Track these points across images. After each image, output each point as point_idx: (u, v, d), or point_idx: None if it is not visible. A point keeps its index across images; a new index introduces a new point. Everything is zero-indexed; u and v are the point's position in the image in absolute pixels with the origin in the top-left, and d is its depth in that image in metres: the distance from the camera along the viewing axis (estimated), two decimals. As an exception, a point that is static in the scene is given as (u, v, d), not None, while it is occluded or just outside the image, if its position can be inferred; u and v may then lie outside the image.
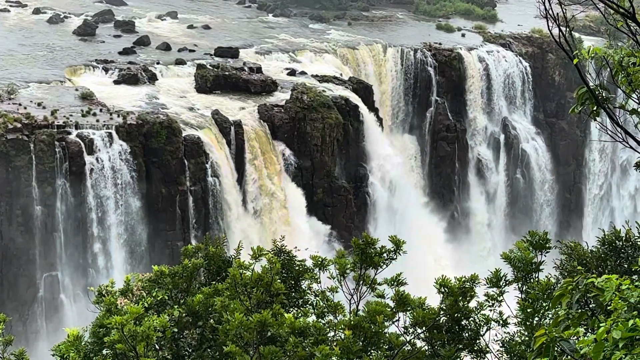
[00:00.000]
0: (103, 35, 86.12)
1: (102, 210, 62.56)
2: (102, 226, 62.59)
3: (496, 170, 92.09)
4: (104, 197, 62.54)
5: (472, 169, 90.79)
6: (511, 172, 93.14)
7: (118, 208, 63.20)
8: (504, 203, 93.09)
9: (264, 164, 70.59)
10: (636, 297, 10.76)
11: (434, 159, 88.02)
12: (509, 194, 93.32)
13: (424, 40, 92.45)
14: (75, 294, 61.72)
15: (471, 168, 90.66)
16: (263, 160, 70.52)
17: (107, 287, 19.00)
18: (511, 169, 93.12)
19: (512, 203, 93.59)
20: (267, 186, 70.67)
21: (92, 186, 61.94)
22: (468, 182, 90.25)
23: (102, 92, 69.52)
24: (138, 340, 15.76)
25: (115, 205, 63.01)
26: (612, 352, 10.09)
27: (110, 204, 62.77)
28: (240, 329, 16.31)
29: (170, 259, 60.67)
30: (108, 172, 62.33)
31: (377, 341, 17.41)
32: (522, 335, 17.59)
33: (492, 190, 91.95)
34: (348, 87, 79.00)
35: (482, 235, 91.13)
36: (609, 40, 16.37)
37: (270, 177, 70.86)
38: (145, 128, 64.44)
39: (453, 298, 17.85)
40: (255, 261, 18.15)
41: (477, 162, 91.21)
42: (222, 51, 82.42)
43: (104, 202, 62.61)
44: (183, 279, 19.09)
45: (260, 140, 70.55)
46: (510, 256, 18.21)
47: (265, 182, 70.57)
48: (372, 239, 18.69)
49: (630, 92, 14.08)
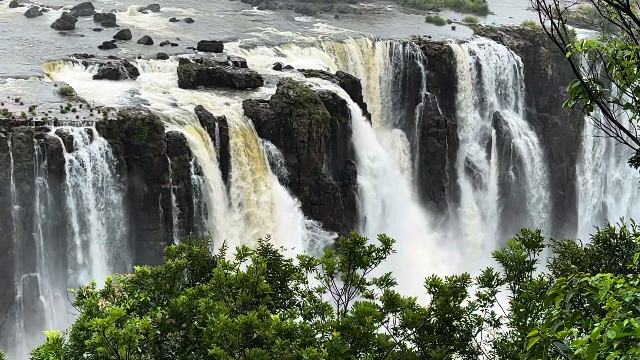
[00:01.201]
0: (82, 28, 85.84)
1: (82, 209, 62.41)
2: (82, 226, 62.43)
3: (487, 166, 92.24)
4: (84, 195, 62.38)
5: (463, 166, 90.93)
6: (503, 168, 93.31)
7: (99, 207, 63.05)
8: (496, 200, 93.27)
9: (249, 161, 70.54)
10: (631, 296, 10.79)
11: (423, 155, 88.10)
12: (500, 190, 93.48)
13: (413, 33, 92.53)
14: (55, 295, 61.56)
15: (462, 164, 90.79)
16: (248, 158, 70.46)
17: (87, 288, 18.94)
18: (503, 165, 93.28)
19: (504, 200, 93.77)
20: (252, 184, 70.60)
21: (72, 185, 61.78)
22: (458, 178, 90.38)
23: (82, 88, 69.35)
24: (120, 343, 15.72)
25: (96, 204, 62.86)
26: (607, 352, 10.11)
27: (90, 203, 62.62)
28: (225, 331, 16.29)
29: (153, 259, 60.50)
30: (88, 170, 62.18)
31: (366, 343, 17.42)
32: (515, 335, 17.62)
33: (484, 187, 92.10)
34: (335, 82, 78.98)
35: (474, 234, 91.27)
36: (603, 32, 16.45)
37: (256, 174, 70.80)
38: (126, 124, 64.31)
39: (444, 298, 17.86)
40: (240, 261, 18.12)
41: (467, 158, 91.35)
42: (205, 45, 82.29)
43: (84, 201, 62.45)
44: (166, 280, 19.06)
45: (246, 136, 70.50)
46: (502, 255, 18.23)
47: (250, 180, 70.50)
48: (360, 238, 18.68)
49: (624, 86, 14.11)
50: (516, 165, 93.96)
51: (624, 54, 13.89)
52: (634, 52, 13.78)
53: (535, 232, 18.39)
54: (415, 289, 19.87)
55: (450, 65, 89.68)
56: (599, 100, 13.91)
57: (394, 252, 18.62)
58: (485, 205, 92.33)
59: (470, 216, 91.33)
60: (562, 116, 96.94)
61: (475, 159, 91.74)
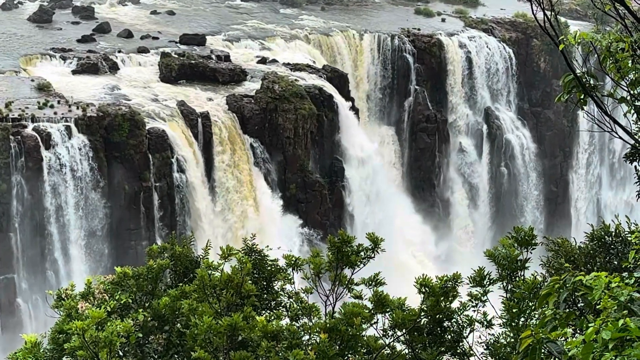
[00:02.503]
0: (60, 22, 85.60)
1: (61, 208, 62.23)
2: (61, 225, 62.26)
3: (479, 162, 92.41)
4: (63, 194, 62.21)
5: (454, 162, 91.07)
6: (495, 164, 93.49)
7: (78, 206, 62.88)
8: (487, 197, 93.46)
9: (233, 158, 70.46)
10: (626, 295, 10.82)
11: (413, 151, 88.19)
12: (492, 187, 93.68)
13: (402, 25, 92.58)
14: (33, 297, 61.37)
15: (452, 160, 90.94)
16: (232, 154, 70.39)
17: (67, 290, 18.92)
18: (495, 161, 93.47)
19: (496, 197, 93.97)
20: (236, 182, 70.55)
21: (50, 183, 61.61)
22: (449, 175, 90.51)
23: (60, 83, 69.16)
24: (100, 346, 15.68)
25: (75, 203, 62.69)
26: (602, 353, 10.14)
27: (69, 202, 62.45)
28: (209, 333, 16.28)
29: (135, 259, 60.39)
30: (67, 168, 62.00)
31: (354, 345, 17.43)
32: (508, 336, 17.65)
33: (475, 183, 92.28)
34: (322, 76, 78.98)
35: (465, 232, 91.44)
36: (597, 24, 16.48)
37: (240, 172, 70.74)
38: (106, 121, 64.15)
39: (434, 298, 17.89)
40: (224, 261, 18.11)
41: (458, 154, 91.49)
42: (187, 38, 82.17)
43: (62, 200, 62.28)
44: (148, 281, 19.04)
45: (229, 132, 70.42)
46: (494, 253, 18.26)
47: (234, 178, 70.45)
48: (348, 237, 18.69)
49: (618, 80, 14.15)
50: (508, 161, 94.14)
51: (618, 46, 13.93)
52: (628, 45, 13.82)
53: (528, 230, 18.43)
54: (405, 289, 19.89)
55: (440, 58, 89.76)
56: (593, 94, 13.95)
57: (383, 251, 18.63)
58: (477, 202, 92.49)
59: (462, 213, 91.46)
60: (555, 110, 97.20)
61: (467, 155, 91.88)
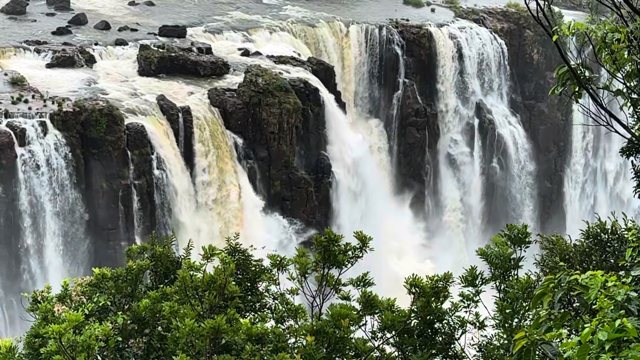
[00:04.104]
0: (34, 13, 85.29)
1: (36, 207, 62.07)
2: (36, 225, 62.10)
3: (470, 158, 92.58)
4: (38, 193, 62.06)
5: (444, 157, 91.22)
6: (487, 159, 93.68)
7: (54, 205, 62.73)
8: (479, 194, 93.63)
9: (216, 154, 70.41)
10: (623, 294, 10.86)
11: (402, 146, 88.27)
12: (484, 183, 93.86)
13: (390, 16, 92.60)
14: (8, 300, 61.20)
15: (443, 156, 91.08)
16: (214, 151, 70.34)
17: (42, 292, 18.88)
18: (487, 156, 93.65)
19: (488, 194, 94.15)
20: (219, 179, 70.51)
21: (25, 181, 61.43)
22: (440, 171, 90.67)
23: (35, 77, 68.97)
24: (78, 350, 15.66)
25: (51, 202, 62.54)
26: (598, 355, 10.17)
27: (45, 201, 62.30)
28: (192, 336, 16.27)
29: (113, 260, 60.30)
30: (42, 166, 61.86)
31: (342, 347, 17.45)
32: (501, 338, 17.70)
33: (466, 179, 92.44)
34: (307, 69, 78.99)
35: (456, 230, 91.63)
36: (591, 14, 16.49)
37: (223, 168, 70.70)
38: (83, 116, 64.01)
39: (425, 299, 17.92)
40: (206, 262, 18.10)
41: (449, 149, 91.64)
42: (167, 30, 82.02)
43: (37, 199, 62.13)
44: (127, 283, 19.01)
45: (211, 128, 70.36)
46: (486, 252, 18.30)
47: (216, 175, 70.40)
48: (335, 236, 18.71)
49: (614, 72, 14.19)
50: (501, 156, 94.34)
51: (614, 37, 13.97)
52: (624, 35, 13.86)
53: (522, 228, 18.47)
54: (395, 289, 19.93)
55: (429, 50, 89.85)
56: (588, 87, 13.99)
57: (372, 250, 18.66)
58: (468, 199, 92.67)
59: (453, 210, 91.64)
60: (549, 104, 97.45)
61: (457, 150, 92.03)
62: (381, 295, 18.41)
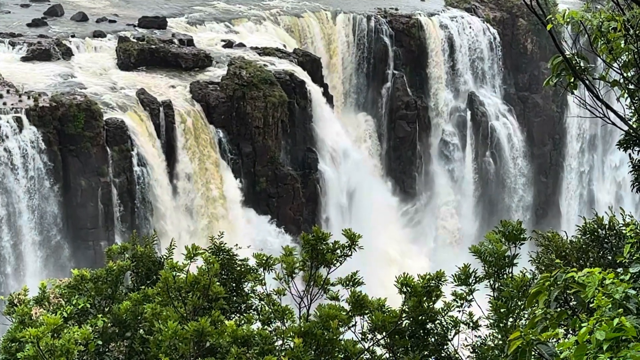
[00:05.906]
0: (8, 4, 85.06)
1: (11, 206, 61.92)
2: (11, 225, 61.94)
3: (463, 152, 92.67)
4: (14, 191, 61.90)
5: (436, 151, 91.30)
6: (480, 153, 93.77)
7: (30, 204, 62.58)
8: (472, 189, 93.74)
9: (198, 150, 70.34)
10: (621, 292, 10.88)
11: (392, 140, 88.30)
12: (477, 178, 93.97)
13: (378, 5, 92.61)
14: (-17, 304, 61.00)
15: (434, 150, 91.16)
16: (197, 146, 70.26)
17: (19, 295, 18.85)
18: (480, 150, 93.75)
19: (482, 189, 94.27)
20: (202, 175, 70.44)
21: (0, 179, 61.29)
22: (431, 166, 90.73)
23: (9, 71, 68.75)
24: (57, 355, 15.64)
25: (27, 200, 62.39)
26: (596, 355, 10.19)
27: (21, 200, 62.15)
28: (175, 339, 16.27)
29: (93, 261, 60.25)
30: (18, 163, 61.70)
31: (331, 349, 17.46)
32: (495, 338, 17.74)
33: (459, 174, 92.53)
34: (293, 61, 78.94)
35: (449, 226, 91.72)
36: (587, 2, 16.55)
37: (206, 164, 70.63)
38: (60, 111, 63.84)
39: (417, 299, 17.94)
40: (190, 262, 18.09)
41: (441, 143, 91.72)
42: (147, 21, 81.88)
43: (13, 198, 61.97)
44: (107, 284, 18.99)
45: (194, 122, 70.28)
46: (480, 249, 18.33)
47: (199, 171, 70.33)
48: (323, 234, 18.71)
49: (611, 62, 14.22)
50: (494, 150, 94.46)
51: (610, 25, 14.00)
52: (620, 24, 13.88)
53: (516, 224, 18.50)
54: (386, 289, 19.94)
55: (419, 40, 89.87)
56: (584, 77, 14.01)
57: (361, 248, 18.66)
58: (461, 195, 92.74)
59: (445, 207, 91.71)
60: (544, 95, 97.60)
61: (449, 144, 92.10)
62: (371, 295, 18.43)
